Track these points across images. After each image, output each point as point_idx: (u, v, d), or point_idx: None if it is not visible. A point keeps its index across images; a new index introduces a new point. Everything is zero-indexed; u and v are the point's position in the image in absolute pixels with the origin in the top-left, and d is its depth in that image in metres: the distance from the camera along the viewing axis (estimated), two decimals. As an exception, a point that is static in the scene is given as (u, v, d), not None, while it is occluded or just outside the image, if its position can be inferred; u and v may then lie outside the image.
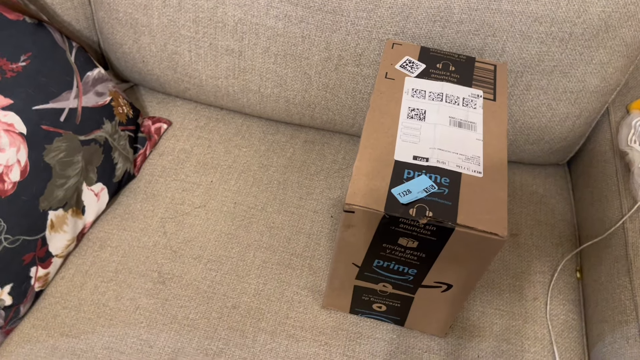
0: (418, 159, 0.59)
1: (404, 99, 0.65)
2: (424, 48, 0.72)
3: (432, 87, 0.67)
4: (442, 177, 0.58)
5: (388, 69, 0.69)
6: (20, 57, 0.71)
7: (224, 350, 0.70)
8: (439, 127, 0.63)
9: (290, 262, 0.78)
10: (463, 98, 0.66)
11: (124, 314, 0.72)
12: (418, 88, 0.67)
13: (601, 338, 0.71)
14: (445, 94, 0.66)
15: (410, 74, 0.68)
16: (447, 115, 0.64)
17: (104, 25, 0.90)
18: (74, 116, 0.76)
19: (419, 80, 0.68)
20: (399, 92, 0.66)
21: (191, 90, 0.94)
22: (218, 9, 0.81)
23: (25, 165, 0.69)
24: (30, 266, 0.70)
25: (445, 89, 0.67)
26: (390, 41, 0.72)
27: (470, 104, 0.66)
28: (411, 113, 0.64)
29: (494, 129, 0.63)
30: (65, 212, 0.74)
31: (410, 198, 0.56)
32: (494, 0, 0.73)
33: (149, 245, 0.79)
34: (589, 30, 0.73)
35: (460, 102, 0.66)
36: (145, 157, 0.89)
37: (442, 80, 0.68)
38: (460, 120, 0.64)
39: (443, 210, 0.55)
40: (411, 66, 0.68)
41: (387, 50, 0.71)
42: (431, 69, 0.69)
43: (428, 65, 0.70)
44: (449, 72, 0.69)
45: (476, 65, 0.70)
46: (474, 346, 0.72)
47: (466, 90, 0.67)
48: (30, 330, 0.71)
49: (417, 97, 0.66)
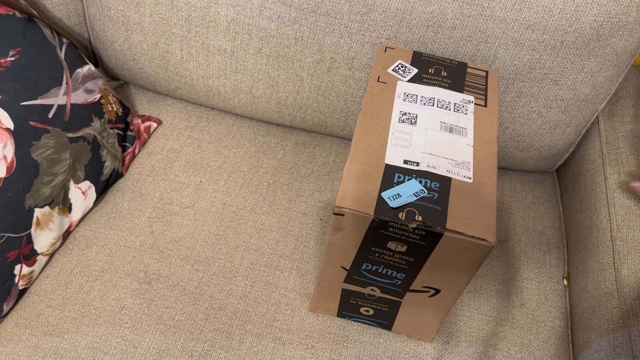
0: (408, 163, 0.59)
1: (395, 103, 0.65)
2: (417, 53, 0.72)
3: (424, 91, 0.67)
4: (432, 181, 0.58)
5: (380, 73, 0.69)
6: (9, 52, 0.71)
7: (209, 352, 0.70)
8: (430, 131, 0.63)
9: (278, 265, 0.78)
10: (454, 103, 0.66)
11: (108, 314, 0.72)
12: (410, 92, 0.67)
13: (588, 346, 0.72)
14: (436, 99, 0.66)
15: (403, 78, 0.68)
16: (439, 120, 0.64)
17: (95, 22, 0.90)
18: (63, 113, 0.75)
19: (411, 84, 0.68)
20: (390, 95, 0.66)
21: (182, 90, 0.93)
22: (211, 8, 0.81)
23: (12, 161, 0.68)
24: (15, 264, 0.69)
25: (437, 94, 0.67)
26: (383, 45, 0.72)
27: (462, 109, 0.66)
28: (402, 117, 0.64)
29: (484, 135, 0.64)
30: (52, 210, 0.73)
31: (400, 202, 0.55)
32: (486, 7, 0.73)
33: (135, 245, 0.78)
34: (581, 38, 0.74)
35: (452, 108, 0.66)
36: (134, 156, 0.89)
37: (434, 85, 0.68)
38: (451, 125, 0.64)
39: (432, 215, 0.55)
40: (403, 70, 0.68)
41: (380, 54, 0.71)
42: (423, 74, 0.69)
43: (420, 69, 0.70)
44: (441, 77, 0.69)
45: (468, 71, 0.70)
46: (460, 352, 0.72)
47: (458, 96, 0.67)
48: (13, 329, 0.70)
49: (408, 101, 0.66)
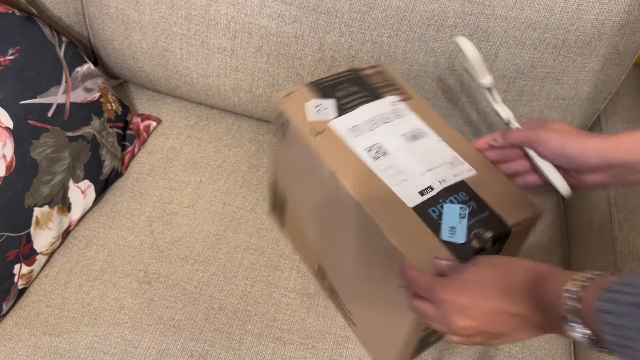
0: (424, 192, 0.57)
1: (351, 145, 0.61)
2: (311, 84, 0.67)
3: (358, 117, 0.63)
4: (458, 194, 0.57)
5: (308, 127, 0.63)
6: (8, 50, 0.70)
7: (209, 352, 0.69)
8: (403, 151, 0.61)
9: (278, 264, 0.78)
10: (390, 111, 0.64)
11: (108, 314, 0.71)
12: (350, 126, 0.63)
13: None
14: (374, 117, 0.63)
15: (330, 117, 0.63)
16: (398, 135, 0.62)
17: (95, 20, 0.89)
18: (62, 112, 0.75)
19: (342, 118, 0.63)
20: (339, 141, 0.62)
21: (182, 88, 0.93)
22: (211, 6, 0.81)
23: (11, 160, 0.68)
24: (14, 263, 0.69)
25: (370, 112, 0.63)
26: (277, 97, 0.66)
27: (399, 113, 0.63)
28: (372, 154, 0.60)
29: (439, 126, 0.63)
30: (51, 209, 0.73)
31: (461, 233, 0.54)
32: (488, 6, 0.72)
33: (135, 245, 0.78)
34: (582, 37, 0.73)
35: (392, 116, 0.63)
36: (133, 155, 0.88)
37: (359, 105, 0.64)
38: (410, 132, 0.62)
39: (491, 223, 0.55)
40: (322, 109, 0.63)
41: (286, 107, 0.65)
42: (340, 101, 0.64)
43: (333, 98, 0.65)
44: (354, 93, 0.65)
45: (365, 75, 0.67)
46: (461, 351, 0.72)
47: (384, 102, 0.64)
48: (12, 329, 0.70)
49: (359, 136, 0.62)
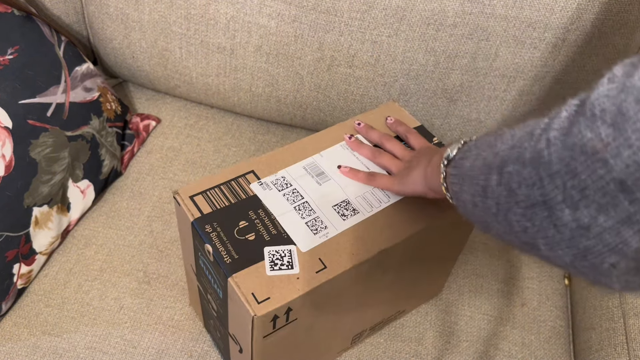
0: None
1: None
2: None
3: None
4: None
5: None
6: (7, 50, 0.70)
7: (209, 352, 0.69)
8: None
9: (278, 264, 0.78)
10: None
11: (107, 314, 0.71)
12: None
13: (588, 345, 0.71)
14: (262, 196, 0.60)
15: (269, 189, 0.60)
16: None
17: (94, 19, 0.89)
18: (61, 111, 0.75)
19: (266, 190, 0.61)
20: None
21: (181, 88, 0.93)
22: (210, 6, 0.80)
23: (10, 160, 0.68)
24: (13, 263, 0.69)
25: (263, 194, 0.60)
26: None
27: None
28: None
29: None
30: (50, 209, 0.73)
31: None
32: (488, 5, 0.72)
33: (134, 244, 0.78)
34: (582, 37, 0.73)
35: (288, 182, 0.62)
36: (132, 155, 0.88)
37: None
38: (312, 169, 0.63)
39: None
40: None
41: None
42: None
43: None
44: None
45: None
46: (461, 351, 0.72)
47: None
48: (11, 328, 0.70)
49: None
